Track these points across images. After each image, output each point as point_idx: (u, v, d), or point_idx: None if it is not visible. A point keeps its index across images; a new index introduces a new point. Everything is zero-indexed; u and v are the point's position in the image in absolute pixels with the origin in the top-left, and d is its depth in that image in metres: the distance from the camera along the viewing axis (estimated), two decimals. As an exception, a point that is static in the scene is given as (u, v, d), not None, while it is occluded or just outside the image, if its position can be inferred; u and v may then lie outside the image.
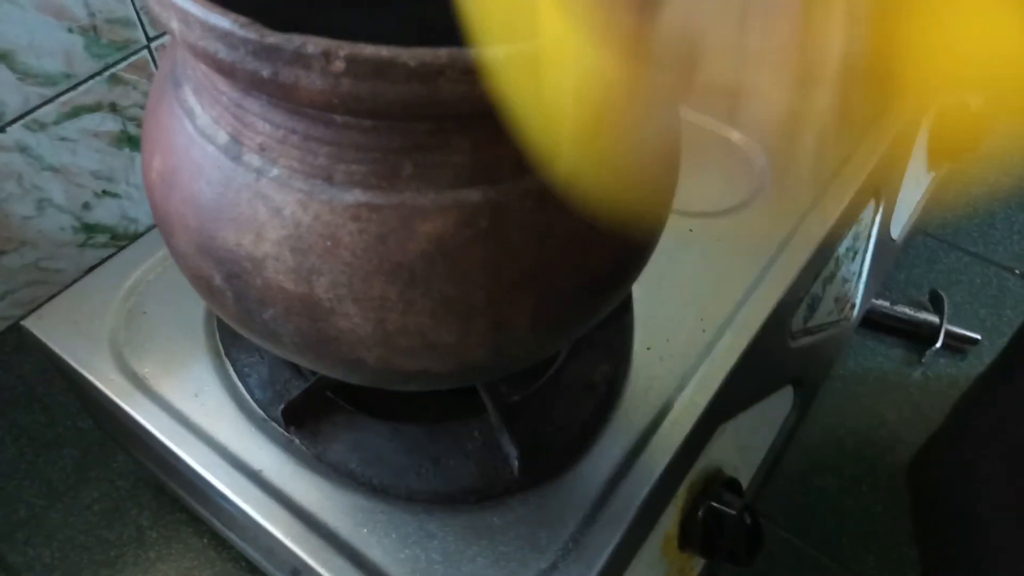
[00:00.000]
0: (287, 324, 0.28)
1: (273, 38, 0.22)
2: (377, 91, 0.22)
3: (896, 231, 0.61)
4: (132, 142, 0.62)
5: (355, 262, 0.26)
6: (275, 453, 0.38)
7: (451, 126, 0.25)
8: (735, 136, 0.55)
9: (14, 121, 0.53)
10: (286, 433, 0.38)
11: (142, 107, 0.60)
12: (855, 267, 0.54)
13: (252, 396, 0.39)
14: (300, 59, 0.22)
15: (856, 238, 0.53)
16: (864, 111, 0.21)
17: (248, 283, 0.28)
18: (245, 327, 0.30)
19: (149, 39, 0.59)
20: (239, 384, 0.40)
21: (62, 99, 0.55)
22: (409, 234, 0.25)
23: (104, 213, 0.62)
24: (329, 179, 0.26)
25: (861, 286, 0.56)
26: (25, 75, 0.52)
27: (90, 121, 0.58)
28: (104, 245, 0.63)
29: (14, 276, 0.58)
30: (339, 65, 0.22)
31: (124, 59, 0.58)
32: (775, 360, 0.48)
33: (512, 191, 0.26)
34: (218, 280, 0.28)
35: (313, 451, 0.37)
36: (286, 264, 0.26)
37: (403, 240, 0.26)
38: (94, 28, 0.55)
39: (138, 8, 0.57)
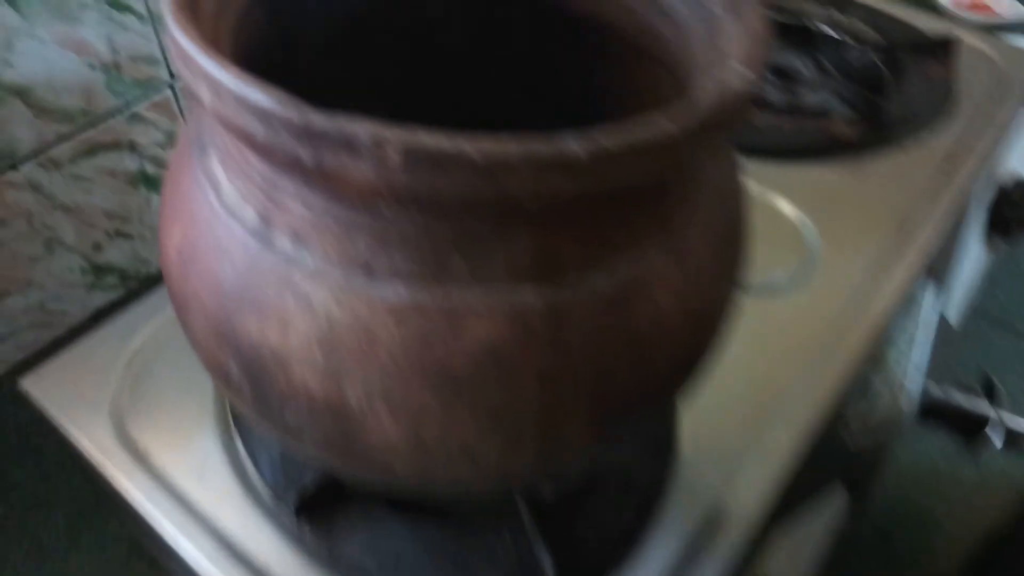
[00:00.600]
0: (311, 425, 0.25)
1: (317, 120, 0.19)
2: (434, 185, 0.20)
3: (951, 313, 0.58)
4: (149, 182, 0.59)
5: (393, 365, 0.23)
6: (283, 546, 0.34)
7: (512, 219, 0.22)
8: (784, 206, 0.52)
9: (28, 159, 0.51)
10: (296, 524, 0.34)
11: (162, 146, 0.58)
12: (909, 352, 0.51)
13: (262, 478, 0.36)
14: (347, 146, 0.19)
15: (912, 321, 0.50)
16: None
17: (270, 379, 0.24)
18: (263, 421, 0.27)
19: (173, 77, 0.56)
20: (248, 464, 0.37)
21: (79, 137, 0.53)
22: (456, 337, 0.22)
23: (116, 254, 0.59)
24: (368, 271, 0.22)
25: (915, 373, 0.53)
26: (41, 111, 0.50)
27: (107, 160, 0.55)
28: (114, 287, 0.60)
29: (17, 318, 0.56)
30: (393, 156, 0.19)
31: (146, 97, 0.55)
32: (829, 455, 0.44)
33: (573, 292, 0.23)
34: (236, 371, 0.25)
35: (325, 547, 0.33)
36: (315, 363, 0.23)
37: (449, 343, 0.22)
38: (116, 65, 0.53)
39: (163, 45, 0.55)
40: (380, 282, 0.22)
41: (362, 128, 0.19)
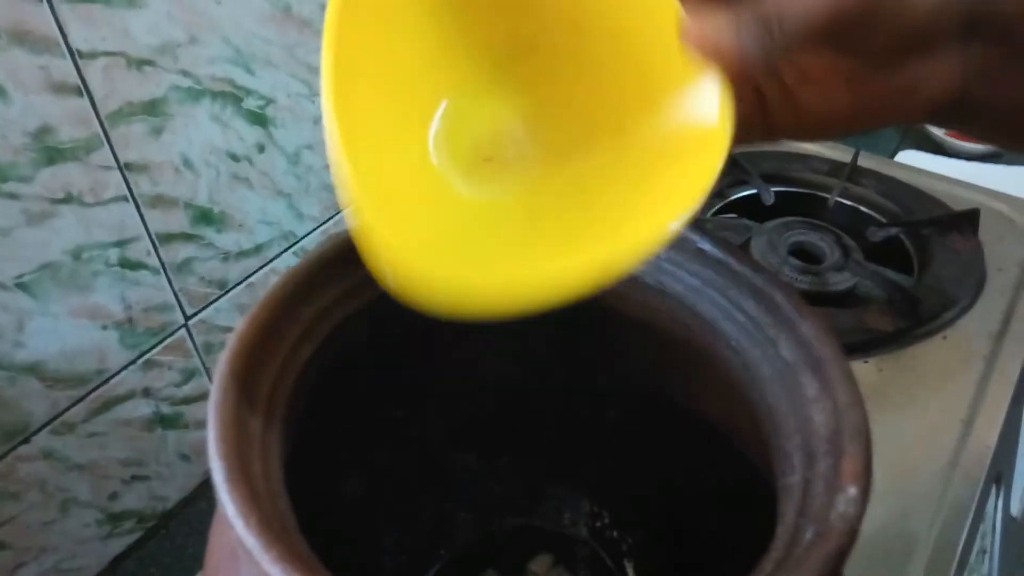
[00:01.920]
0: None
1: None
2: None
3: (1016, 508, 0.55)
4: (164, 422, 0.57)
5: None
6: None
7: None
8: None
9: (40, 429, 0.49)
10: None
11: (177, 386, 0.56)
12: (986, 569, 0.48)
13: None
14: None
15: (983, 537, 0.47)
16: None
17: None
18: None
19: (187, 318, 0.55)
20: None
21: (92, 396, 0.51)
22: None
23: (132, 498, 0.57)
24: None
25: (993, 589, 0.49)
26: (54, 382, 0.48)
27: (121, 411, 0.53)
28: (130, 531, 0.58)
29: (31, 586, 0.53)
30: None
31: (159, 342, 0.54)
32: None
33: None
34: None
35: None
36: None
37: None
38: (130, 320, 0.51)
39: (176, 291, 0.54)
40: None
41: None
